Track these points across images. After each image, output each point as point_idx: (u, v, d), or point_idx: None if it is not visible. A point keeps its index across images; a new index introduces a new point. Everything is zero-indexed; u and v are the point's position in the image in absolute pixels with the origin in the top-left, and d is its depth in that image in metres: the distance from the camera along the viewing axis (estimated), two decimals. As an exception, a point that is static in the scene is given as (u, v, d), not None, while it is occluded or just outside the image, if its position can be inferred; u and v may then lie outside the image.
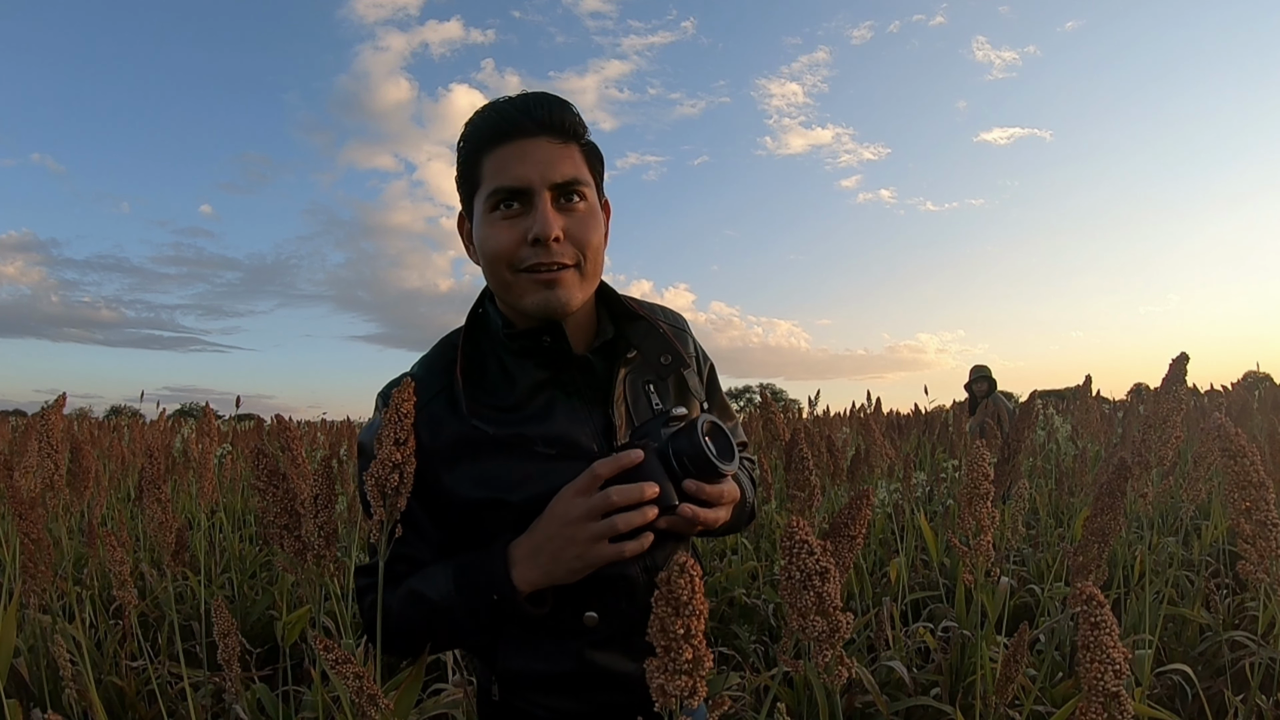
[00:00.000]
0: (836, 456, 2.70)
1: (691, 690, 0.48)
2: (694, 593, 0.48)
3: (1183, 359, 1.28)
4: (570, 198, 0.77)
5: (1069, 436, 4.31)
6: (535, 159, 0.75)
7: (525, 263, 0.76)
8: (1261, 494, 0.95)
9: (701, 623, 0.49)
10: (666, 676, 0.48)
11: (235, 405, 7.06)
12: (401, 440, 0.74)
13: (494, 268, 0.78)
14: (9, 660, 1.33)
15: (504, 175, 0.75)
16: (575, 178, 0.77)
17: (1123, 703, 0.50)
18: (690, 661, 0.48)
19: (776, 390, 27.09)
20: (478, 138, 0.77)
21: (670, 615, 0.48)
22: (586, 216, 0.78)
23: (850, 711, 1.84)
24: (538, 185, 0.75)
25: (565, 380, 0.82)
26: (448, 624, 0.76)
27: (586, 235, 0.77)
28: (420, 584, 0.77)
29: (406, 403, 0.74)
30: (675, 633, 0.48)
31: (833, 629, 0.55)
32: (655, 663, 0.49)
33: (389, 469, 0.73)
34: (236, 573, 2.86)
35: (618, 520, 0.68)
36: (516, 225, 0.76)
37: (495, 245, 0.76)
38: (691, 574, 0.48)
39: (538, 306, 0.77)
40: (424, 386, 0.81)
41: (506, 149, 0.75)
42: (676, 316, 0.96)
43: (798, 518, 0.56)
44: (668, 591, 0.48)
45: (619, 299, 0.87)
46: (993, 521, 1.14)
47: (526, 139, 0.75)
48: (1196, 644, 2.12)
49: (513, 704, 0.85)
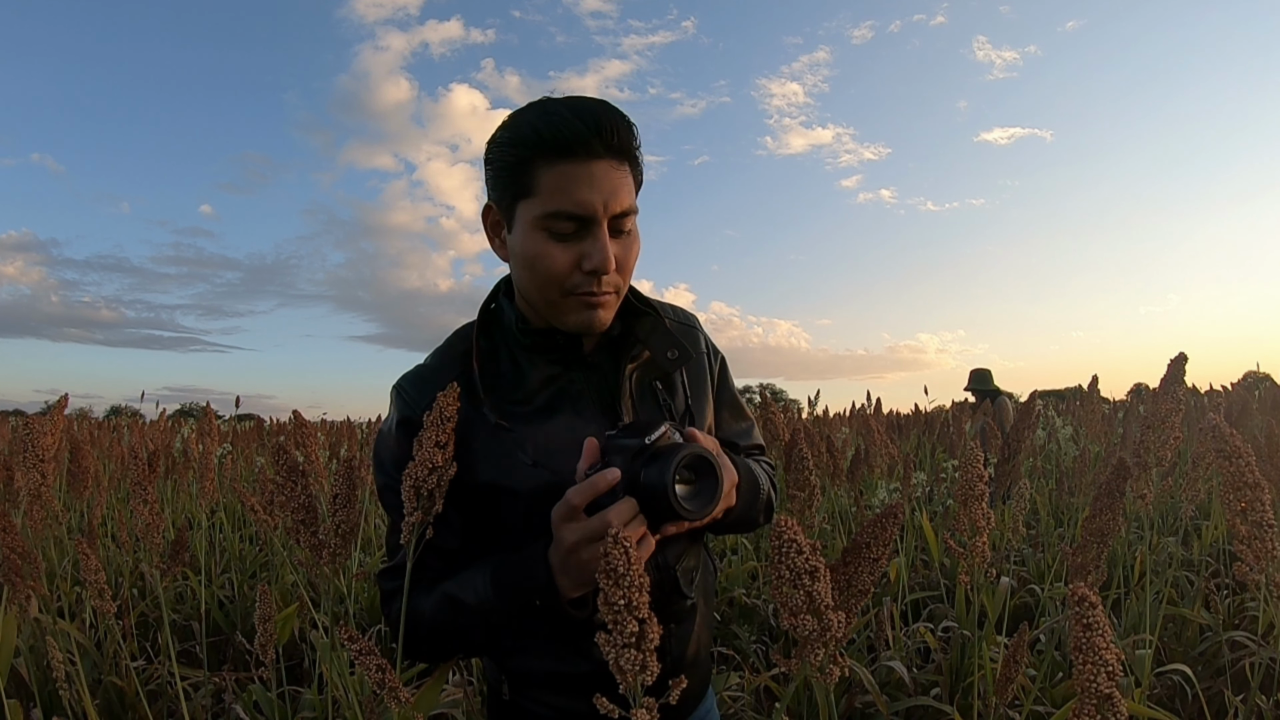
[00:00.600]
0: (836, 456, 2.70)
1: (642, 664, 0.48)
2: (630, 563, 0.48)
3: (1181, 359, 1.28)
4: (623, 226, 0.76)
5: (1070, 437, 4.31)
6: (600, 186, 0.72)
7: (578, 289, 0.75)
8: (1257, 495, 0.94)
9: (643, 595, 0.48)
10: (616, 650, 0.48)
11: (235, 405, 7.06)
12: (443, 443, 0.72)
13: (542, 287, 0.77)
14: (9, 660, 1.33)
15: (566, 198, 0.72)
16: (630, 207, 0.75)
17: (1116, 705, 0.50)
18: (635, 635, 0.48)
19: (776, 390, 27.07)
20: (535, 144, 0.72)
21: (610, 586, 0.48)
22: (631, 243, 0.78)
23: (850, 711, 1.84)
24: (600, 214, 0.73)
25: (575, 377, 0.83)
26: (484, 628, 0.75)
27: (629, 263, 0.78)
28: (455, 589, 0.77)
29: (451, 405, 0.73)
30: (618, 604, 0.48)
31: (824, 628, 0.55)
32: (604, 637, 0.50)
33: (427, 471, 0.72)
34: (236, 573, 2.86)
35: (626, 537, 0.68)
36: (570, 249, 0.74)
37: (548, 267, 0.75)
38: (624, 544, 0.48)
39: (579, 325, 0.78)
40: (439, 375, 0.81)
41: (570, 167, 0.72)
42: (687, 314, 0.96)
43: (784, 516, 0.56)
44: (604, 564, 0.48)
45: (631, 295, 0.87)
46: (989, 522, 1.14)
47: (593, 160, 0.72)
48: (1196, 644, 2.12)
49: (522, 704, 0.85)
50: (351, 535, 0.80)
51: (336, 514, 0.77)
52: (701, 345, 0.93)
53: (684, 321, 0.94)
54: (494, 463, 0.78)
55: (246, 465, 4.73)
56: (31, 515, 1.42)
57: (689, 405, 0.88)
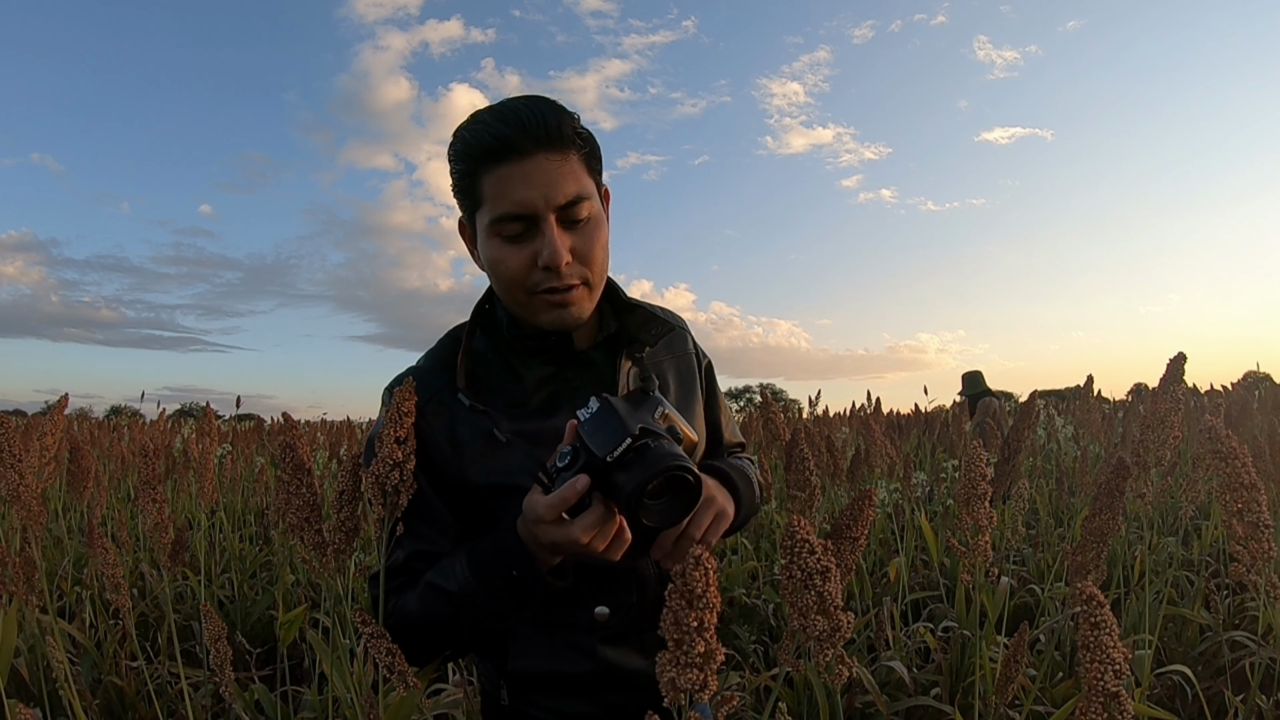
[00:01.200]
0: (836, 456, 2.70)
1: (702, 684, 0.49)
2: (708, 586, 0.48)
3: (1180, 359, 1.28)
4: (575, 215, 0.75)
5: (1070, 438, 4.31)
6: (537, 181, 0.72)
7: (538, 286, 0.76)
8: (1253, 495, 0.95)
9: (714, 616, 0.49)
10: (678, 670, 0.49)
11: (235, 405, 7.06)
12: (402, 439, 0.73)
13: (507, 289, 0.78)
14: (9, 660, 1.33)
15: (506, 200, 0.73)
16: (577, 194, 0.74)
17: (1122, 703, 0.50)
18: (702, 655, 0.49)
19: (776, 390, 27.11)
20: (472, 156, 0.75)
21: (684, 608, 0.48)
22: (591, 230, 0.77)
23: (850, 711, 1.84)
24: (542, 210, 0.73)
25: (570, 376, 0.83)
26: (469, 612, 0.74)
27: (591, 251, 0.77)
28: (437, 577, 0.77)
29: (407, 401, 0.74)
30: (689, 625, 0.48)
31: (834, 628, 0.55)
32: (666, 656, 0.50)
33: (389, 467, 0.73)
34: (236, 573, 2.86)
35: (595, 544, 0.67)
36: (524, 249, 0.75)
37: (506, 271, 0.76)
38: (706, 567, 0.48)
39: (552, 323, 0.78)
40: (432, 378, 0.81)
41: (505, 170, 0.73)
42: (675, 317, 0.97)
43: (799, 517, 0.56)
44: (683, 584, 0.48)
45: (619, 292, 0.88)
46: (990, 522, 1.14)
47: (525, 159, 0.72)
48: (1196, 644, 2.12)
49: (521, 709, 0.84)
50: (354, 533, 0.80)
51: (340, 511, 0.77)
52: (689, 347, 0.94)
53: (673, 321, 0.95)
54: (488, 463, 0.79)
55: (246, 465, 4.72)
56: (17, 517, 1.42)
57: (678, 405, 0.88)
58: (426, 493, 0.79)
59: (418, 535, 0.80)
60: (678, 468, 0.62)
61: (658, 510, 0.64)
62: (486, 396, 0.81)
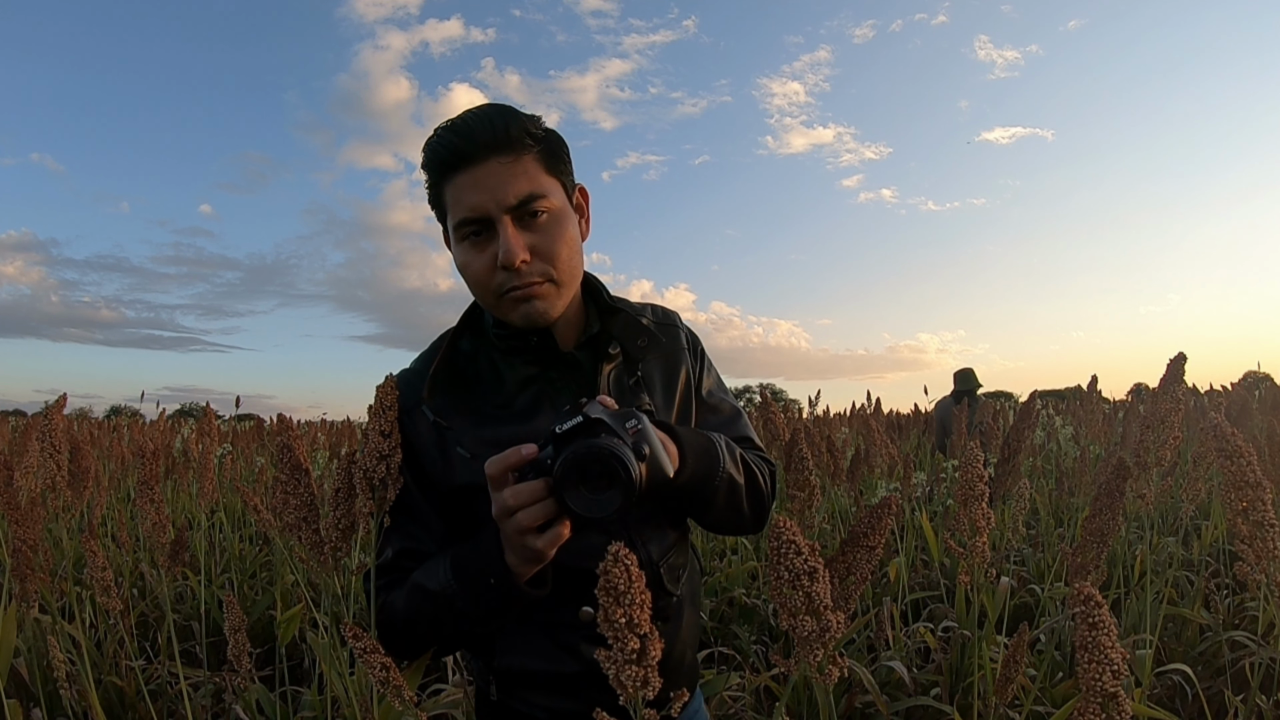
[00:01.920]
0: (836, 456, 2.70)
1: (644, 680, 0.49)
2: (631, 580, 0.48)
3: (1180, 359, 1.28)
4: (531, 214, 0.77)
5: (1070, 437, 4.31)
6: (487, 185, 0.75)
7: (502, 287, 0.78)
8: (1258, 494, 0.94)
9: (644, 611, 0.49)
10: (618, 667, 0.49)
11: (235, 405, 7.06)
12: (386, 431, 0.75)
13: (477, 292, 0.81)
14: (9, 660, 1.33)
15: (462, 206, 0.77)
16: (530, 193, 0.76)
17: (1121, 703, 0.50)
18: (638, 651, 0.49)
19: (776, 390, 27.05)
20: (433, 168, 0.79)
21: (611, 605, 0.48)
22: (550, 228, 0.78)
23: (850, 711, 1.84)
24: (495, 213, 0.75)
25: (553, 377, 0.84)
26: (451, 614, 0.75)
27: (553, 248, 0.78)
28: (422, 577, 0.77)
29: (390, 395, 0.76)
30: (618, 622, 0.48)
31: (823, 629, 0.55)
32: (604, 654, 0.50)
33: (375, 460, 0.74)
34: (236, 573, 2.86)
35: (520, 518, 0.65)
36: (485, 252, 0.77)
37: (473, 274, 0.79)
38: (626, 562, 0.48)
39: (522, 320, 0.80)
40: (421, 380, 0.83)
41: (461, 178, 0.76)
42: (668, 312, 0.97)
43: (783, 517, 0.56)
44: (605, 582, 0.48)
45: (604, 294, 0.88)
46: (988, 522, 1.14)
47: (476, 165, 0.75)
48: (1196, 644, 2.12)
49: (510, 704, 0.86)
50: (351, 532, 0.81)
51: (336, 509, 0.77)
52: (681, 341, 0.94)
53: (663, 320, 0.95)
54: (472, 464, 0.79)
55: (246, 465, 4.73)
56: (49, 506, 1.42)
57: (664, 400, 0.88)
58: (413, 493, 0.80)
59: (406, 534, 0.81)
60: (612, 456, 0.61)
61: (584, 497, 0.62)
62: (471, 397, 0.83)
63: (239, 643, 1.07)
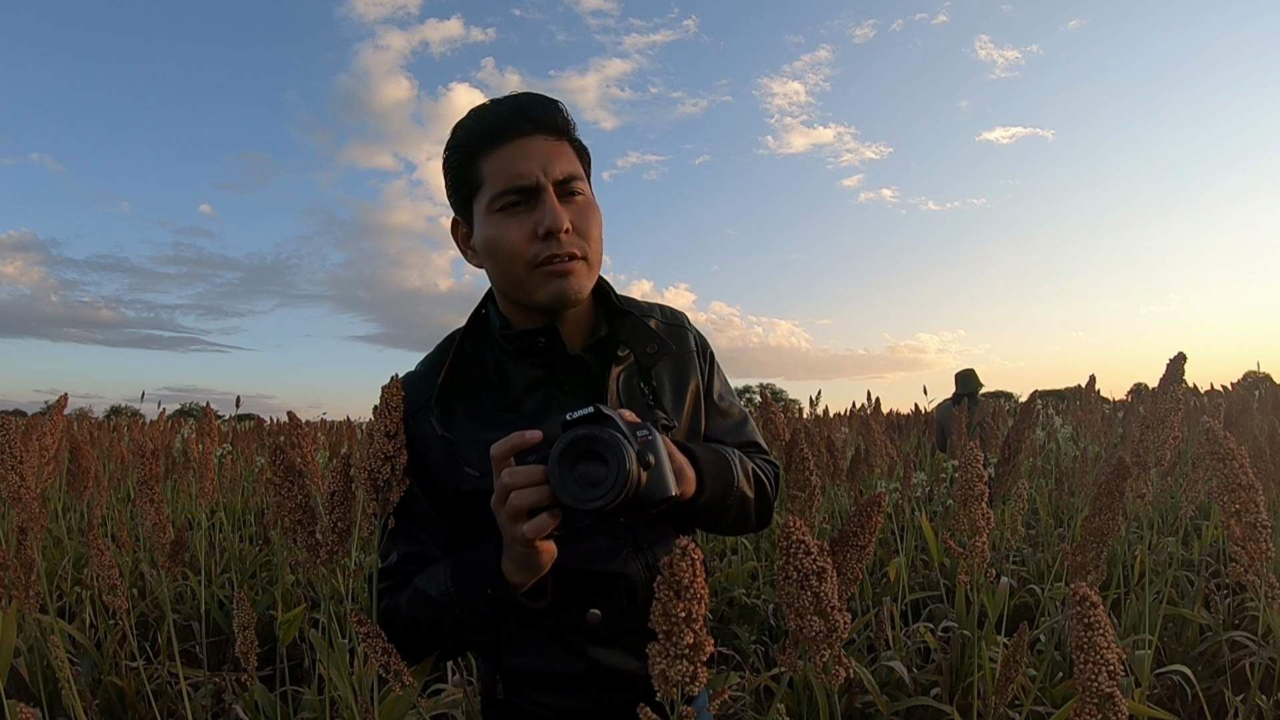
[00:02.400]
0: (836, 456, 2.70)
1: (692, 676, 0.49)
2: (695, 576, 0.48)
3: (1180, 359, 1.28)
4: (571, 193, 0.79)
5: (1070, 437, 4.31)
6: (536, 156, 0.77)
7: (539, 257, 0.77)
8: (1251, 496, 0.94)
9: (703, 607, 0.49)
10: (668, 661, 0.49)
11: (235, 405, 7.06)
12: (391, 432, 0.75)
13: (508, 266, 0.78)
14: (9, 660, 1.32)
15: (507, 175, 0.76)
16: (573, 173, 0.79)
17: (1117, 704, 0.50)
18: (691, 646, 0.49)
19: (776, 390, 27.02)
20: (473, 141, 0.79)
21: (672, 599, 0.48)
22: (587, 209, 0.80)
23: (850, 711, 1.84)
24: (543, 181, 0.76)
25: (560, 379, 0.83)
26: (450, 621, 0.75)
27: (589, 227, 0.79)
28: (424, 582, 0.78)
29: (395, 396, 0.76)
30: (677, 616, 0.48)
31: (830, 629, 0.55)
32: (657, 647, 0.50)
33: (380, 461, 0.74)
34: (236, 573, 2.86)
35: (514, 499, 0.64)
36: (525, 222, 0.77)
37: (508, 244, 0.77)
38: (693, 557, 0.48)
39: (552, 297, 0.78)
40: (427, 384, 0.82)
41: (506, 149, 0.77)
42: (676, 313, 0.96)
43: (794, 517, 0.56)
44: (670, 575, 0.48)
45: (612, 296, 0.88)
46: (988, 523, 1.14)
47: (524, 138, 0.77)
48: (1196, 644, 2.12)
49: (516, 703, 0.86)
50: (348, 533, 0.81)
51: (333, 511, 0.77)
52: (690, 344, 0.93)
53: (672, 321, 0.94)
54: (485, 469, 0.78)
55: (246, 465, 4.72)
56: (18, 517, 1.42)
57: (673, 404, 0.88)
58: (418, 496, 0.80)
59: (410, 538, 0.81)
60: (610, 444, 0.60)
61: (573, 482, 0.61)
62: (478, 400, 0.82)
63: (247, 639, 1.07)
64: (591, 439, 0.61)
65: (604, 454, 0.61)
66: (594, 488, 0.61)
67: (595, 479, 0.61)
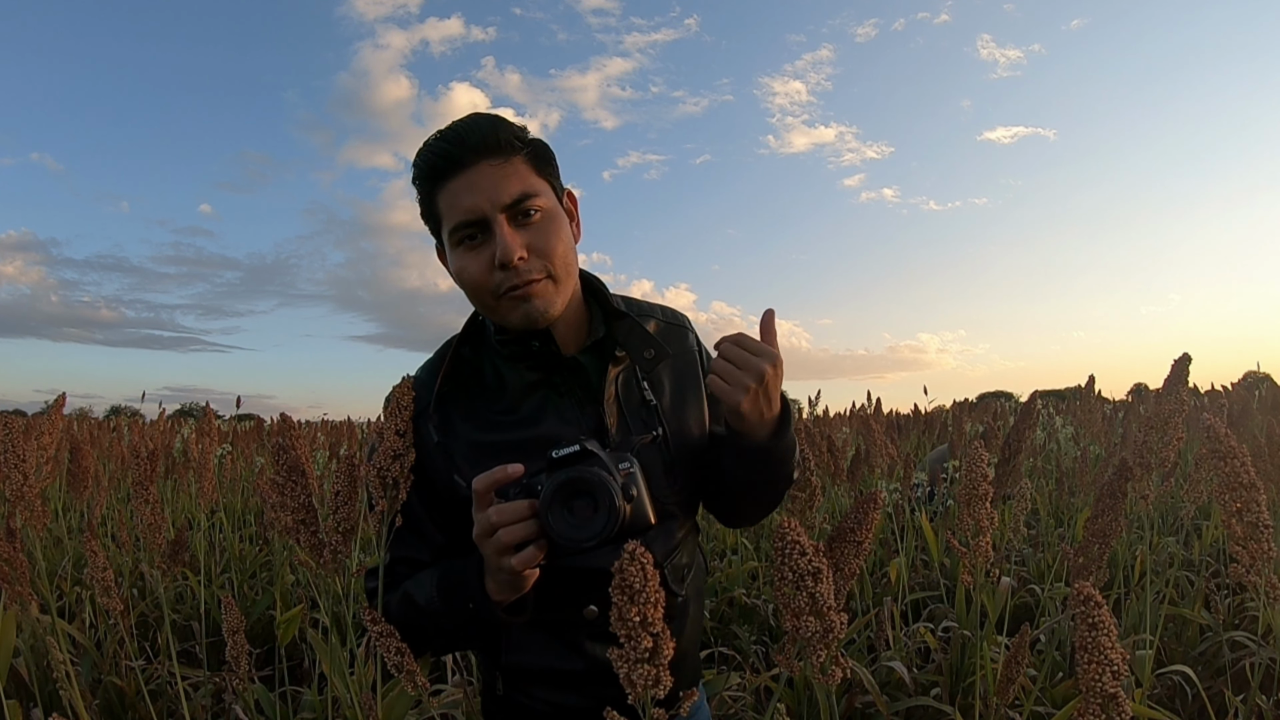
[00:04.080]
0: (836, 456, 2.70)
1: (655, 679, 0.49)
2: (646, 580, 0.48)
3: (1184, 360, 1.28)
4: (525, 213, 0.78)
5: (1070, 438, 4.30)
6: (480, 187, 0.77)
7: (501, 287, 0.78)
8: (1252, 495, 0.94)
9: (658, 610, 0.49)
10: (629, 665, 0.49)
11: (235, 405, 7.06)
12: (402, 430, 0.75)
13: (475, 297, 0.81)
14: (9, 660, 1.33)
15: (457, 210, 0.78)
16: (523, 192, 0.78)
17: (1121, 704, 0.50)
18: (650, 650, 0.49)
19: (777, 390, 26.90)
20: (424, 178, 0.80)
21: (626, 603, 0.48)
22: (545, 225, 0.79)
23: (850, 711, 1.84)
24: (490, 212, 0.77)
25: (556, 382, 0.84)
26: (435, 628, 0.77)
27: (549, 245, 0.79)
28: (412, 587, 0.79)
29: (406, 395, 0.77)
30: (632, 620, 0.48)
31: (826, 629, 0.55)
32: (617, 653, 0.50)
33: (390, 458, 0.74)
34: (236, 573, 2.86)
35: (502, 535, 0.66)
36: (482, 254, 0.78)
37: (471, 277, 0.79)
38: (642, 561, 0.48)
39: (522, 321, 0.80)
40: (426, 388, 0.83)
41: (453, 184, 0.78)
42: (676, 314, 0.97)
43: (788, 518, 0.56)
44: (620, 580, 0.48)
45: (608, 298, 0.88)
46: (991, 523, 1.14)
47: (468, 169, 0.77)
48: (1196, 644, 2.12)
49: (516, 699, 0.87)
50: (351, 533, 0.81)
51: (337, 511, 0.77)
52: (690, 344, 0.94)
53: (672, 322, 0.95)
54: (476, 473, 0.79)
55: (246, 465, 4.72)
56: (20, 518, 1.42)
57: (673, 404, 0.88)
58: (414, 503, 0.81)
59: (404, 542, 0.82)
60: (601, 485, 0.63)
61: (566, 521, 0.64)
62: (476, 404, 0.83)
63: (237, 644, 1.07)
64: (581, 480, 0.64)
65: (594, 494, 0.64)
66: (585, 526, 0.64)
67: (585, 518, 0.64)
